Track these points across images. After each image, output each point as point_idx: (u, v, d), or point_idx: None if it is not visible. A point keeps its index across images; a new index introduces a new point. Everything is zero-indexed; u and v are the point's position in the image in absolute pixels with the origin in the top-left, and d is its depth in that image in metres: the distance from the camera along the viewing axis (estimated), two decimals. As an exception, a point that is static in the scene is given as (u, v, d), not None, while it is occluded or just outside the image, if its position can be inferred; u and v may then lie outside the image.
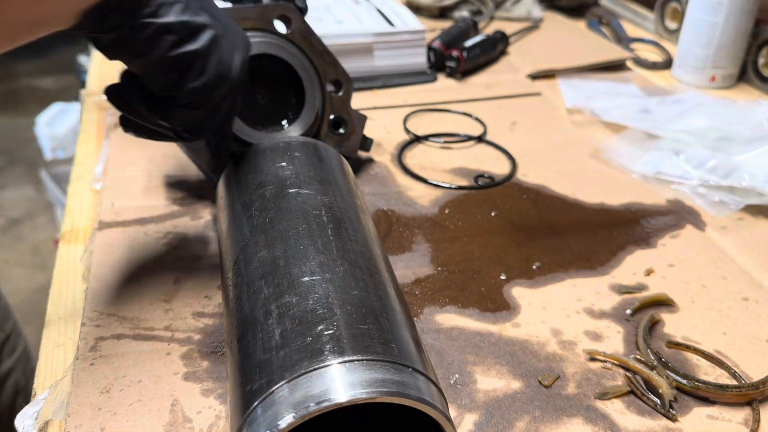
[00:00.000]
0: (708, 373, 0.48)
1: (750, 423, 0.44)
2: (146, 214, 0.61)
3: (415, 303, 0.53)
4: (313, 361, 0.33)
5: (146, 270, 0.55)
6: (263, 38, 0.61)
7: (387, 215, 0.64)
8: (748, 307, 0.54)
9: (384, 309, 0.37)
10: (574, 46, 1.03)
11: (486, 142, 0.78)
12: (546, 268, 0.58)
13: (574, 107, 0.85)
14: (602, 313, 0.53)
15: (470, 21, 1.02)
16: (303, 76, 0.63)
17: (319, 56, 0.65)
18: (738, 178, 0.67)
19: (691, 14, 0.91)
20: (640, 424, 0.44)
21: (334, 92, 0.66)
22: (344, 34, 0.88)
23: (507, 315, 0.52)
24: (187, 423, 0.42)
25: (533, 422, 0.43)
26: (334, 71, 0.66)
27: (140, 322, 0.50)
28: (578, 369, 0.48)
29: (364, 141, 0.69)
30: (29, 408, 0.43)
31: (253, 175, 0.49)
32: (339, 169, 0.52)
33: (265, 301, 0.38)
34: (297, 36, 0.64)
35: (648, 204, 0.67)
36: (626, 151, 0.75)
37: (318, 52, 0.65)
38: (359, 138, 0.68)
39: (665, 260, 0.59)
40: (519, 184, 0.70)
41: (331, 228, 0.43)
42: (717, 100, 0.87)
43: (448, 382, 0.46)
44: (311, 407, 0.31)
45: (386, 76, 0.91)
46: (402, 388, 0.33)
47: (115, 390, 0.44)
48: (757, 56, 0.93)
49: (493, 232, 0.62)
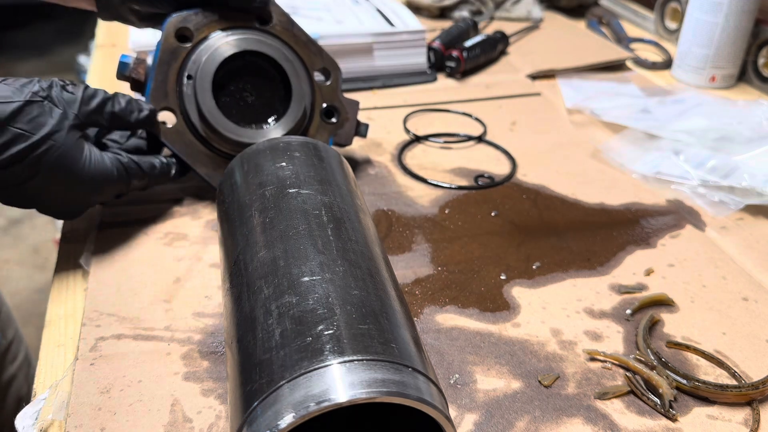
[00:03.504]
0: (708, 373, 0.48)
1: (750, 423, 0.44)
2: (146, 214, 0.61)
3: (415, 303, 0.53)
4: (313, 361, 0.33)
5: (146, 270, 0.55)
6: (243, 35, 0.61)
7: (387, 215, 0.64)
8: (748, 307, 0.54)
9: (384, 309, 0.37)
10: (574, 46, 1.03)
11: (486, 142, 0.78)
12: (546, 268, 0.58)
13: (574, 107, 0.85)
14: (602, 313, 0.53)
15: (470, 21, 1.02)
16: (287, 67, 0.62)
17: (303, 46, 0.64)
18: (738, 178, 0.67)
19: (691, 14, 0.91)
20: (640, 424, 0.44)
21: (323, 81, 0.66)
22: (344, 34, 0.88)
23: (507, 315, 0.52)
24: (187, 423, 0.42)
25: (533, 422, 0.43)
26: (320, 60, 0.65)
27: (140, 322, 0.50)
28: (578, 369, 0.48)
29: (359, 127, 0.69)
30: (29, 408, 0.43)
31: (253, 176, 0.49)
32: (339, 169, 0.52)
33: (265, 301, 0.38)
34: (278, 28, 0.63)
35: (648, 204, 0.67)
36: (626, 151, 0.75)
37: (302, 43, 0.64)
38: (353, 125, 0.68)
39: (665, 260, 0.59)
40: (519, 184, 0.70)
41: (331, 228, 0.43)
42: (717, 100, 0.87)
43: (448, 382, 0.46)
44: (311, 407, 0.31)
45: (386, 76, 0.91)
46: (402, 388, 0.33)
47: (115, 390, 0.44)
48: (757, 56, 0.93)
49: (493, 232, 0.62)
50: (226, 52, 0.60)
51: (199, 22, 0.60)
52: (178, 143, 0.60)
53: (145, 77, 0.61)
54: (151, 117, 0.58)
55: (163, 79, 0.59)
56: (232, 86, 0.62)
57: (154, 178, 0.58)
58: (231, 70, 0.61)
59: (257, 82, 0.63)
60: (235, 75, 0.62)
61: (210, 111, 0.59)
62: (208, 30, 0.61)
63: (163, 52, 0.59)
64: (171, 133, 0.60)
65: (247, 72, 0.62)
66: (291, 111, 0.63)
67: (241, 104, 0.62)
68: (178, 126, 0.60)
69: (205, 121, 0.59)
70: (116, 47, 0.99)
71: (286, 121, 0.62)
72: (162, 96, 0.60)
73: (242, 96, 0.63)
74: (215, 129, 0.59)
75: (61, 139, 0.50)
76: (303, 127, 0.64)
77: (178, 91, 0.60)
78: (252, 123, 0.62)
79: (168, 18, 0.60)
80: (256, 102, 0.63)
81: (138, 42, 0.85)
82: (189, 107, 0.60)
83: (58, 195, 0.53)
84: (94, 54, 0.99)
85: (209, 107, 0.59)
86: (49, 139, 0.49)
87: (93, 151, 0.53)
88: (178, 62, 0.60)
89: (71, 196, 0.53)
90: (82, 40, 2.97)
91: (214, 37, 0.60)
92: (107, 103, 0.54)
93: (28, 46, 3.29)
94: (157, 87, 0.59)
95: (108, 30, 1.06)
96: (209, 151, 0.61)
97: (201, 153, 0.61)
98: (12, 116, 0.48)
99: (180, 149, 0.60)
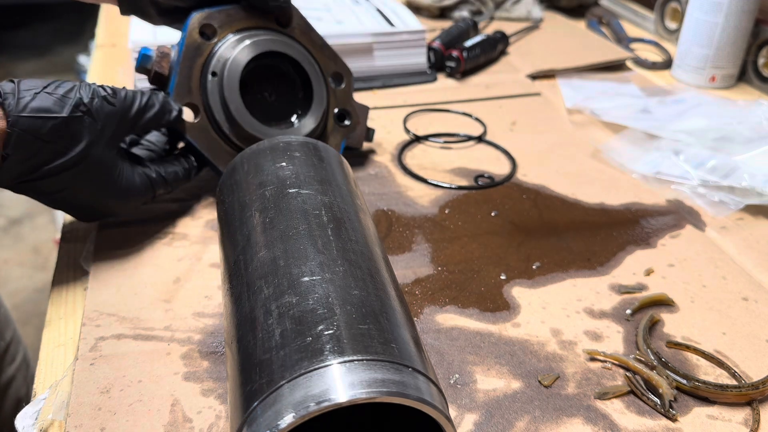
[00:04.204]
0: (708, 373, 0.48)
1: (750, 423, 0.44)
2: (146, 215, 0.61)
3: (415, 303, 0.53)
4: (313, 361, 0.33)
5: (146, 270, 0.55)
6: (267, 36, 0.62)
7: (387, 215, 0.64)
8: (748, 307, 0.54)
9: (384, 309, 0.37)
10: (574, 46, 1.03)
11: (486, 142, 0.78)
12: (546, 268, 0.58)
13: (574, 107, 0.85)
14: (602, 313, 0.53)
15: (470, 21, 1.02)
16: (309, 70, 0.63)
17: (319, 50, 0.65)
18: (738, 178, 0.67)
19: (691, 14, 0.91)
20: (640, 424, 0.44)
21: (336, 85, 0.67)
22: (344, 34, 0.88)
23: (507, 315, 0.52)
24: (187, 423, 0.42)
25: (533, 422, 0.43)
26: (334, 65, 0.66)
27: (140, 322, 0.50)
28: (578, 369, 0.48)
29: (368, 131, 0.70)
30: (29, 408, 0.43)
31: (253, 176, 0.49)
32: (339, 169, 0.52)
33: (265, 301, 0.38)
34: (297, 32, 0.64)
35: (648, 204, 0.67)
36: (626, 151, 0.75)
37: (318, 47, 0.65)
38: (364, 129, 0.69)
39: (665, 260, 0.59)
40: (519, 184, 0.70)
41: (331, 228, 0.43)
42: (717, 100, 0.87)
43: (448, 382, 0.46)
44: (311, 407, 0.31)
45: (386, 76, 0.91)
46: (402, 388, 0.33)
47: (115, 390, 0.44)
48: (757, 56, 0.93)
49: (493, 232, 0.62)
50: (253, 51, 0.60)
51: (223, 20, 0.61)
52: (200, 140, 0.60)
53: (168, 71, 0.60)
54: (179, 116, 0.58)
55: (187, 75, 0.59)
56: (252, 86, 0.62)
57: (178, 185, 0.59)
58: (252, 71, 0.61)
59: (277, 83, 0.63)
60: (255, 75, 0.62)
61: (237, 109, 0.59)
62: (231, 28, 0.61)
63: (188, 48, 0.59)
64: (194, 130, 0.60)
65: (267, 73, 0.63)
66: (312, 111, 0.63)
67: (261, 104, 0.63)
68: (201, 122, 0.60)
69: (231, 119, 0.60)
70: (116, 47, 0.99)
71: (308, 121, 0.63)
72: (186, 92, 0.59)
73: (262, 96, 0.63)
74: (242, 127, 0.60)
75: (97, 155, 0.50)
76: (321, 127, 0.65)
77: (202, 88, 0.60)
78: (272, 122, 0.63)
79: (192, 14, 0.60)
80: (275, 102, 0.63)
81: (137, 42, 0.85)
82: (213, 104, 0.60)
83: (86, 204, 0.53)
84: (94, 54, 0.99)
85: (237, 105, 0.59)
86: (85, 155, 0.49)
87: (125, 168, 0.54)
88: (202, 58, 0.60)
89: (98, 206, 0.54)
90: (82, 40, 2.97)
91: (237, 36, 0.61)
92: (146, 113, 0.54)
93: (28, 46, 3.30)
94: (182, 82, 0.59)
95: (108, 30, 1.06)
96: (231, 149, 0.61)
97: (223, 150, 0.61)
98: (51, 132, 0.47)
99: (202, 145, 0.60)
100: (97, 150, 0.50)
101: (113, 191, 0.53)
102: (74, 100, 0.48)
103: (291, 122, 0.64)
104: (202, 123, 0.60)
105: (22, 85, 0.47)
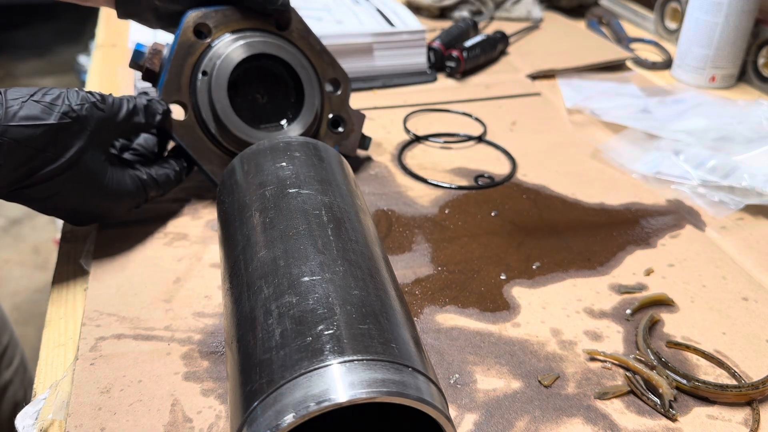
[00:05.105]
0: (708, 373, 0.48)
1: (750, 423, 0.44)
2: (146, 214, 0.61)
3: (415, 303, 0.53)
4: (313, 361, 0.33)
5: (146, 270, 0.55)
6: (262, 38, 0.61)
7: (387, 215, 0.64)
8: (748, 307, 0.54)
9: (384, 309, 0.37)
10: (574, 46, 1.03)
11: (486, 142, 0.78)
12: (546, 268, 0.58)
13: (574, 107, 0.85)
14: (602, 313, 0.53)
15: (470, 21, 1.02)
16: (302, 75, 0.63)
17: (317, 55, 0.65)
18: (738, 178, 0.67)
19: (691, 14, 0.91)
20: (640, 424, 0.44)
21: (332, 91, 0.66)
22: (344, 34, 0.88)
23: (507, 315, 0.52)
24: (187, 423, 0.42)
25: (533, 422, 0.43)
26: (332, 70, 0.66)
27: (140, 322, 0.50)
28: (578, 369, 0.48)
29: (363, 140, 0.70)
30: (29, 408, 0.43)
31: (253, 176, 0.49)
32: (339, 169, 0.52)
33: (265, 301, 0.38)
34: (296, 35, 0.64)
35: (648, 204, 0.67)
36: (626, 151, 0.75)
37: (316, 52, 0.65)
38: (358, 136, 0.69)
39: (665, 260, 0.59)
40: (519, 184, 0.70)
41: (331, 228, 0.43)
42: (717, 100, 0.87)
43: (448, 382, 0.46)
44: (311, 407, 0.31)
45: (386, 76, 0.91)
46: (402, 388, 0.33)
47: (115, 390, 0.44)
48: (757, 56, 0.93)
49: (493, 232, 0.62)
50: (244, 53, 0.60)
51: (219, 20, 0.61)
52: (186, 138, 0.60)
53: (159, 68, 0.60)
54: (165, 116, 0.58)
55: (177, 73, 0.59)
56: (244, 87, 0.62)
57: (169, 187, 0.59)
58: (245, 71, 0.61)
59: (270, 86, 0.63)
60: (248, 76, 0.62)
61: (223, 109, 0.59)
62: (227, 29, 0.61)
63: (180, 46, 0.59)
64: (181, 128, 0.60)
65: (261, 75, 0.63)
66: (302, 116, 0.63)
67: (253, 105, 0.63)
68: (188, 121, 0.60)
69: (217, 118, 0.59)
70: (116, 47, 0.99)
71: (297, 126, 0.63)
72: (175, 90, 0.59)
73: (254, 97, 0.63)
74: (227, 127, 0.60)
75: (87, 160, 0.50)
76: (312, 133, 0.64)
77: (192, 87, 0.60)
78: (261, 125, 0.62)
79: (188, 12, 0.60)
80: (267, 105, 0.63)
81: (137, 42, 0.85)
82: (201, 103, 0.60)
83: (77, 209, 0.53)
84: (94, 54, 0.99)
85: (223, 105, 0.59)
86: (75, 161, 0.49)
87: (116, 171, 0.54)
88: (194, 57, 0.60)
89: (90, 210, 0.54)
90: (82, 40, 2.97)
91: (232, 37, 0.61)
92: (133, 116, 0.54)
93: (28, 46, 3.29)
94: (171, 80, 0.59)
95: (108, 30, 1.06)
96: (216, 149, 0.61)
97: (208, 150, 0.61)
98: (40, 139, 0.47)
99: (188, 144, 0.60)
100: (87, 155, 0.50)
101: (104, 195, 0.53)
102: (62, 107, 0.48)
103: (280, 125, 0.63)
104: (189, 121, 0.60)
105: (9, 94, 0.47)
